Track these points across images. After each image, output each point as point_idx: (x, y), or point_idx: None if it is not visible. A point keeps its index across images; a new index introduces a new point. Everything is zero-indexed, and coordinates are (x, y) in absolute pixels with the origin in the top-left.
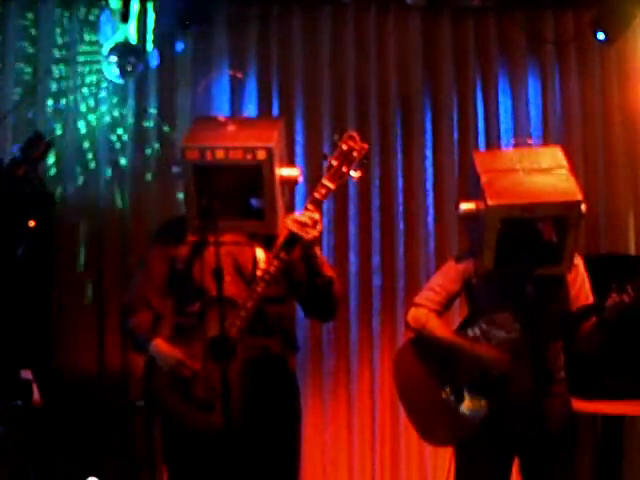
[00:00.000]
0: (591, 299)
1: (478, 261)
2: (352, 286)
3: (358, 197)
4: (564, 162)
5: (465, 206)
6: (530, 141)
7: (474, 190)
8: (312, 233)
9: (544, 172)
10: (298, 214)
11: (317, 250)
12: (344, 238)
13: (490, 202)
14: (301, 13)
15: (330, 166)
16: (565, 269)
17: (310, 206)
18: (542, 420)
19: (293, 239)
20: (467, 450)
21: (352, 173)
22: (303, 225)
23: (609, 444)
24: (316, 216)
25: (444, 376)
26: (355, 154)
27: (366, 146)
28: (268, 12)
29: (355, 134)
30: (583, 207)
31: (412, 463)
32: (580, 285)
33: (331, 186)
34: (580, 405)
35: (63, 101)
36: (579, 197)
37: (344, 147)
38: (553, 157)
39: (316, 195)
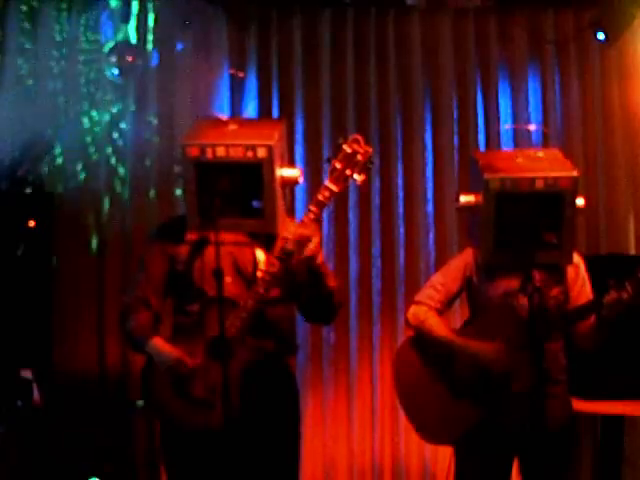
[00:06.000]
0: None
1: (477, 252)
2: (352, 287)
3: (358, 198)
4: (562, 159)
5: (465, 198)
6: (531, 126)
7: (474, 186)
8: (306, 253)
9: (543, 161)
10: (295, 225)
11: (320, 261)
12: (344, 239)
13: (487, 175)
14: (301, 13)
15: (334, 169)
16: (564, 257)
17: (313, 208)
18: (542, 420)
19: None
20: (467, 450)
21: (356, 177)
22: (299, 244)
23: (609, 444)
24: (308, 231)
25: (443, 374)
26: (359, 157)
27: (370, 150)
28: (268, 12)
29: (360, 137)
30: (582, 201)
31: (412, 463)
32: (581, 285)
33: (335, 189)
34: (580, 405)
35: (63, 100)
36: (575, 173)
37: (348, 150)
38: (552, 154)
39: (319, 198)
